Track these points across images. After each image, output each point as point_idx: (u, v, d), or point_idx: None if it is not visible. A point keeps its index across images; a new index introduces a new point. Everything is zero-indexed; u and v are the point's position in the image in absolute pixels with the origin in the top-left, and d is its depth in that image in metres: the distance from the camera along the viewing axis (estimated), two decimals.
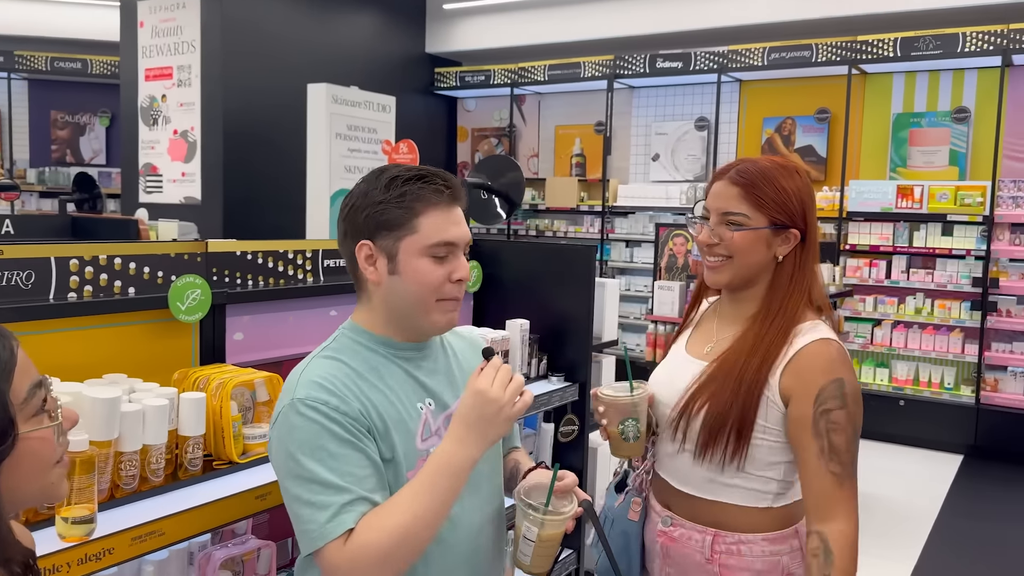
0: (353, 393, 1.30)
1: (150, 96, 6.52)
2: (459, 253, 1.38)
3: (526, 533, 1.37)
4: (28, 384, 0.91)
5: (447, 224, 1.35)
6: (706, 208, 1.58)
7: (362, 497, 1.23)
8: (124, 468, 1.48)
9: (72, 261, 1.67)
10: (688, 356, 1.63)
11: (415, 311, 1.36)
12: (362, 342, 1.38)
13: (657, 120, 7.86)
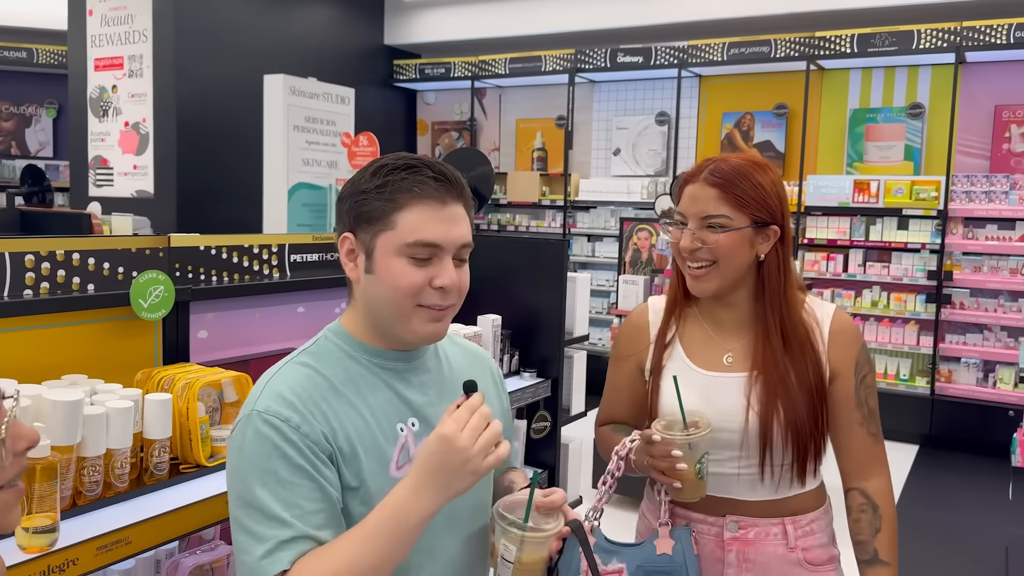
0: (320, 411, 1.17)
1: (100, 87, 6.33)
2: (444, 256, 1.19)
3: (504, 554, 1.21)
4: None
5: (430, 222, 1.18)
6: (681, 214, 1.53)
7: (305, 535, 1.10)
8: (87, 474, 1.41)
9: (27, 257, 1.59)
10: (707, 372, 1.57)
11: (392, 317, 1.21)
12: (344, 348, 1.25)
13: (618, 115, 7.88)
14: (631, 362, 1.69)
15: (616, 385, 1.74)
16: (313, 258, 2.30)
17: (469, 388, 1.14)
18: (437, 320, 1.21)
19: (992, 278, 5.92)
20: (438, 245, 1.18)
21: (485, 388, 1.36)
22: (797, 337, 1.53)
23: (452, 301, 1.22)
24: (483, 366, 1.42)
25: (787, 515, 1.55)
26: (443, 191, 1.20)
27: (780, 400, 1.50)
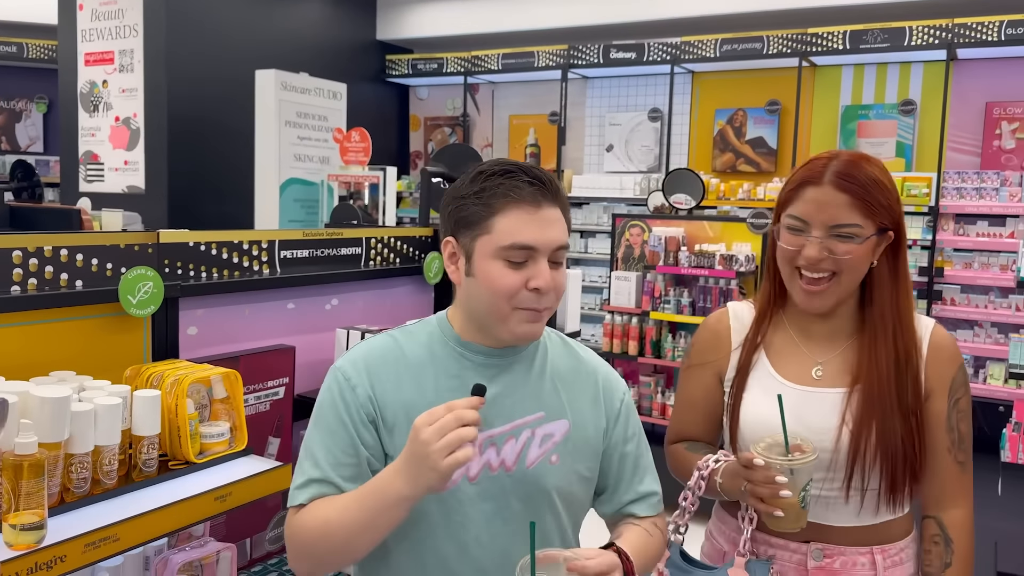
0: (379, 378, 1.28)
1: (90, 82, 6.30)
2: (540, 258, 1.23)
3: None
4: None
5: (525, 225, 1.22)
6: (801, 219, 1.40)
7: (329, 480, 1.24)
8: (75, 471, 1.40)
9: (15, 252, 1.58)
10: (797, 385, 1.47)
11: (490, 317, 1.27)
12: (436, 332, 1.34)
13: (611, 111, 7.88)
14: (708, 371, 1.58)
15: (690, 397, 1.61)
16: (304, 254, 2.29)
17: (476, 391, 1.16)
18: (533, 321, 1.26)
19: (983, 274, 5.94)
20: (533, 248, 1.23)
21: (581, 406, 1.35)
22: (906, 351, 1.42)
23: (548, 303, 1.26)
24: (586, 383, 1.39)
25: (876, 543, 1.45)
26: (538, 195, 1.24)
27: (877, 419, 1.39)
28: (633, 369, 5.14)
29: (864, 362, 1.43)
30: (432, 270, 2.73)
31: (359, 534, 1.19)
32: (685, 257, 4.75)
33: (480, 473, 1.27)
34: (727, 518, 1.55)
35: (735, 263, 4.60)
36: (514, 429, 1.30)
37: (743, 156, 7.20)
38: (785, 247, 1.43)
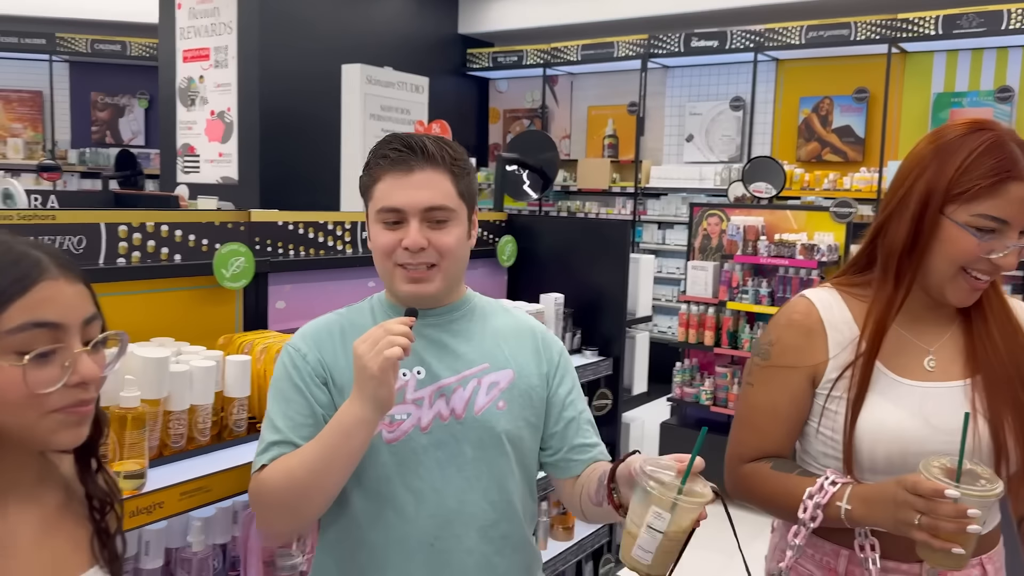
0: (324, 345, 1.37)
1: (188, 77, 6.59)
2: (411, 219, 1.31)
3: (652, 522, 1.12)
4: (25, 320, 0.88)
5: (394, 190, 1.32)
6: (1000, 220, 1.23)
7: (289, 441, 1.30)
8: (172, 427, 1.53)
9: (121, 227, 1.72)
10: (914, 382, 1.32)
11: (385, 277, 1.38)
12: (376, 305, 1.43)
13: (691, 100, 7.80)
14: (797, 376, 1.37)
15: (772, 405, 1.40)
16: None
17: (408, 313, 1.27)
18: (416, 280, 1.33)
19: None
20: (400, 209, 1.32)
21: (522, 358, 1.42)
22: (1014, 333, 1.32)
23: (428, 260, 1.33)
24: (524, 337, 1.46)
25: (983, 551, 1.32)
26: (409, 160, 1.32)
27: (1010, 409, 1.27)
28: (709, 360, 5.11)
29: (981, 349, 1.31)
30: (505, 253, 2.80)
31: (323, 472, 1.24)
32: (764, 246, 4.69)
33: (432, 423, 1.34)
34: (819, 542, 1.38)
35: (816, 253, 4.51)
36: (461, 380, 1.37)
37: (829, 145, 7.03)
38: (967, 249, 1.25)
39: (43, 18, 8.77)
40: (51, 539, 0.97)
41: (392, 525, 1.32)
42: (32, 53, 8.92)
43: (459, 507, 1.34)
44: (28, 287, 0.87)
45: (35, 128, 9.41)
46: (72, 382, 0.90)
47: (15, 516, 0.93)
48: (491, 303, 1.52)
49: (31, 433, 0.91)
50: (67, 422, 0.91)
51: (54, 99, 9.35)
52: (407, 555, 1.32)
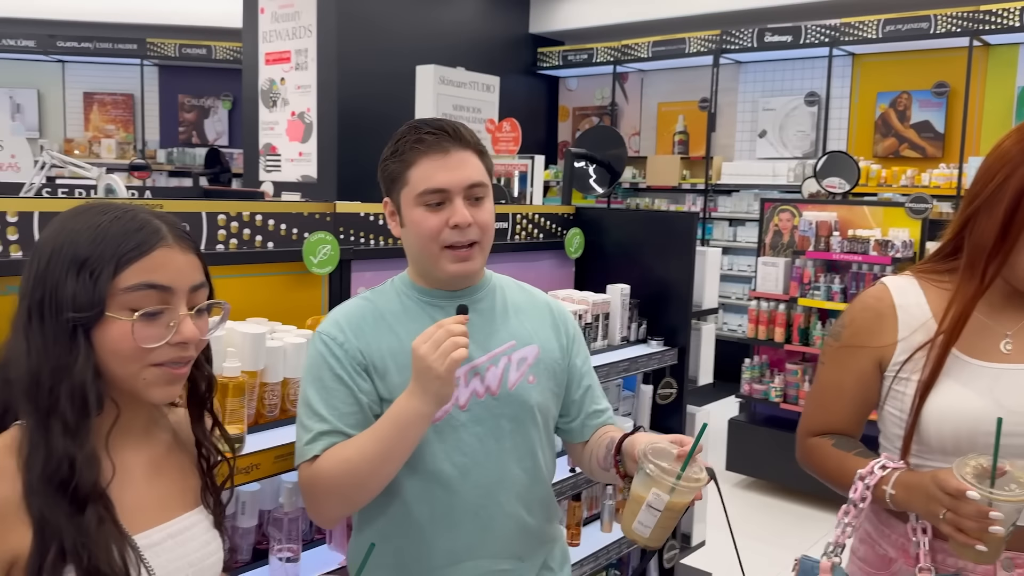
0: (362, 332, 1.40)
1: (270, 79, 6.86)
2: (455, 198, 1.36)
3: (652, 502, 1.23)
4: (140, 280, 0.99)
5: (436, 171, 1.36)
6: None
7: (337, 430, 1.35)
8: (267, 397, 1.67)
9: (220, 216, 1.87)
10: (988, 363, 1.33)
11: (426, 260, 1.41)
12: (399, 287, 1.48)
13: (764, 95, 7.73)
14: (866, 356, 1.42)
15: (839, 383, 1.45)
16: None
17: (459, 310, 1.31)
18: (463, 259, 1.38)
19: None
20: (445, 189, 1.36)
21: (543, 332, 1.51)
22: None
23: (473, 237, 1.38)
24: (542, 312, 1.55)
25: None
26: (443, 142, 1.37)
27: None
28: (779, 357, 5.08)
29: None
30: (573, 245, 2.89)
31: (382, 463, 1.30)
32: (837, 242, 4.65)
33: (469, 400, 1.41)
34: (893, 522, 1.41)
35: (891, 249, 4.46)
36: (492, 358, 1.43)
37: (907, 141, 6.88)
38: None
39: (135, 24, 9.23)
40: (160, 478, 1.09)
41: (438, 499, 1.40)
42: (124, 58, 9.40)
43: (500, 476, 1.43)
44: (146, 252, 1.00)
45: (127, 129, 9.91)
46: (174, 341, 1.01)
47: (129, 454, 1.06)
48: (506, 280, 1.57)
49: (131, 383, 1.02)
50: (163, 378, 1.03)
51: (144, 101, 9.83)
52: (453, 525, 1.40)
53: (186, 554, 1.07)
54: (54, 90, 9.75)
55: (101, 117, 9.87)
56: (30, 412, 0.98)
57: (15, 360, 0.99)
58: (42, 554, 0.94)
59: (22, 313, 1.00)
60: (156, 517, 1.06)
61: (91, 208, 1.04)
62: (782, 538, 4.08)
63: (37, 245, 1.03)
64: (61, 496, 0.95)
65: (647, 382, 2.85)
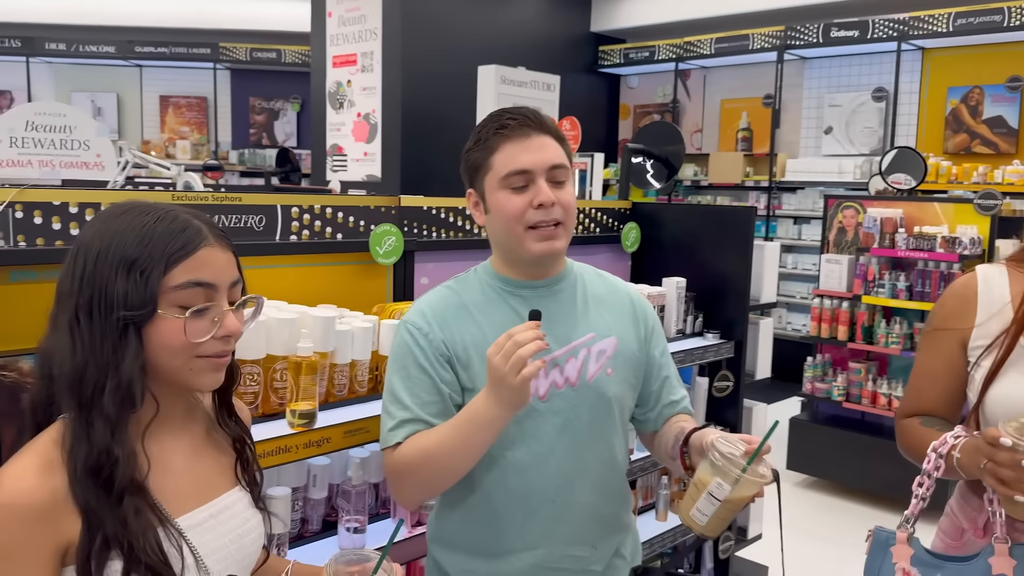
0: (446, 323, 1.44)
1: (337, 81, 7.03)
2: (538, 179, 1.39)
3: (713, 491, 1.25)
4: (188, 278, 1.04)
5: (519, 153, 1.39)
6: None
7: (419, 418, 1.39)
8: (337, 377, 1.78)
9: (294, 209, 1.99)
10: None
11: (511, 244, 1.43)
12: (484, 278, 1.50)
13: (830, 91, 7.61)
14: (951, 338, 1.47)
15: (929, 367, 1.51)
16: None
17: (532, 316, 1.31)
18: (547, 238, 1.41)
19: None
20: (527, 170, 1.40)
21: (622, 324, 1.52)
22: None
23: (557, 217, 1.41)
24: (622, 303, 1.56)
25: None
26: (523, 127, 1.41)
27: None
28: (842, 356, 5.02)
29: None
30: (629, 239, 2.94)
31: (458, 458, 1.36)
32: (903, 239, 4.57)
33: (548, 392, 1.43)
34: (970, 495, 1.47)
35: (958, 246, 4.37)
36: (571, 350, 1.46)
37: (979, 137, 6.70)
38: None
39: (208, 29, 9.58)
40: (199, 463, 1.15)
41: (515, 486, 1.43)
42: (198, 62, 9.76)
43: (576, 467, 1.45)
44: (192, 251, 1.05)
45: (200, 131, 10.29)
46: (219, 335, 1.06)
47: (170, 442, 1.11)
48: (586, 270, 1.59)
49: (180, 375, 1.07)
50: (209, 367, 1.08)
51: (217, 104, 10.19)
52: (528, 512, 1.44)
53: (228, 531, 1.13)
54: (132, 94, 10.19)
55: (176, 119, 10.27)
56: (73, 407, 1.02)
57: (59, 356, 1.02)
58: (89, 541, 0.99)
59: (67, 311, 1.03)
60: (197, 499, 1.12)
61: (131, 208, 1.07)
62: (844, 537, 4.03)
63: (79, 246, 1.05)
64: (101, 488, 1.00)
65: (703, 375, 2.88)
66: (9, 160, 2.69)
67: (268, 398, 1.67)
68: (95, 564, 0.99)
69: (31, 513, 0.97)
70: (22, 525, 0.97)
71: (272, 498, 1.69)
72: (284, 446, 1.58)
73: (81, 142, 2.80)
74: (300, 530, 1.83)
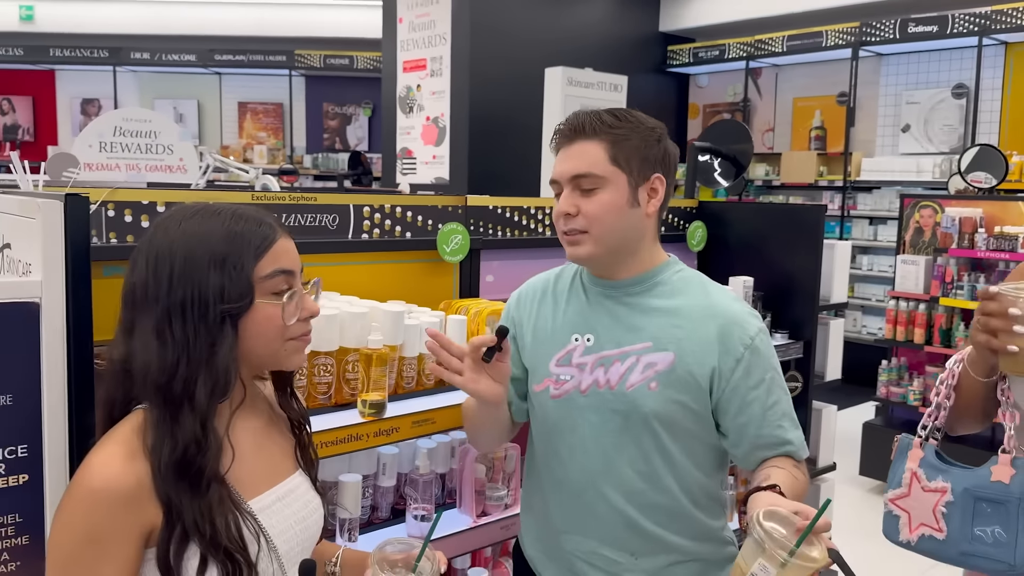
0: (524, 304, 1.59)
1: (407, 86, 7.17)
2: (564, 189, 1.43)
3: (756, 572, 1.11)
4: (274, 268, 1.11)
5: (556, 163, 1.45)
6: None
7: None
8: (405, 370, 1.83)
9: (365, 208, 2.06)
10: None
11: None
12: (579, 270, 1.56)
13: (908, 88, 7.40)
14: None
15: None
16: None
17: (500, 333, 1.38)
18: (570, 244, 1.45)
19: None
20: (555, 181, 1.45)
21: (693, 343, 1.40)
22: None
23: (575, 226, 1.41)
24: (710, 323, 1.42)
25: None
26: (567, 133, 1.44)
27: None
28: (919, 360, 4.89)
29: None
30: (695, 238, 2.93)
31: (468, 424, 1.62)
32: (982, 240, 4.42)
33: (590, 388, 1.45)
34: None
35: None
36: (621, 354, 1.44)
37: None
38: None
39: (284, 37, 9.87)
40: (265, 448, 1.20)
41: (554, 469, 1.51)
42: (274, 69, 10.07)
43: (605, 468, 1.44)
44: (271, 243, 1.12)
45: (276, 136, 10.60)
46: (304, 316, 1.15)
47: (241, 429, 1.16)
48: (692, 282, 1.49)
49: (275, 359, 1.15)
50: (297, 348, 1.16)
51: (292, 110, 10.49)
52: (565, 497, 1.50)
53: (293, 513, 1.18)
54: (212, 100, 10.57)
55: (254, 125, 10.61)
56: (159, 403, 1.06)
57: (142, 358, 1.06)
58: (170, 530, 1.04)
59: (151, 315, 1.06)
60: (265, 483, 1.17)
61: (199, 212, 1.12)
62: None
63: (155, 252, 1.08)
64: (184, 479, 1.04)
65: None
66: (98, 164, 2.85)
67: (341, 388, 1.73)
68: (175, 551, 1.04)
69: (118, 499, 1.02)
70: (110, 510, 1.02)
71: (344, 484, 1.75)
72: (355, 434, 1.64)
73: (165, 147, 2.94)
74: (370, 516, 1.90)
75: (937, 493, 1.41)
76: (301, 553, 1.17)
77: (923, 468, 1.44)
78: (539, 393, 1.52)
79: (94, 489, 1.02)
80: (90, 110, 10.43)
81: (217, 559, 1.05)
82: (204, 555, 1.04)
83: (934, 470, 1.43)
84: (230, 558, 1.05)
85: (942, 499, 1.41)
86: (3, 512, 1.22)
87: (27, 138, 10.47)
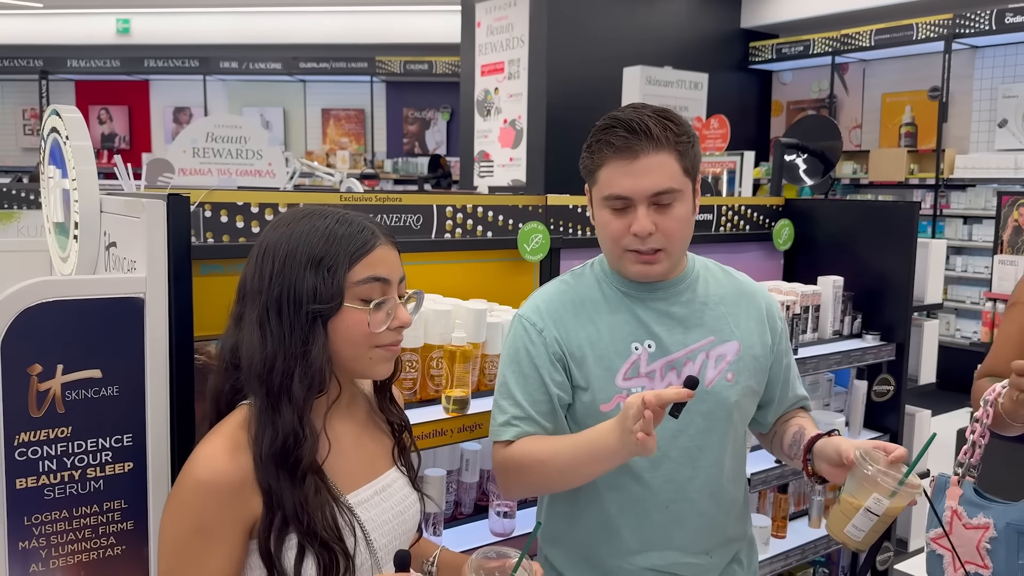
0: (561, 320, 1.41)
1: (484, 90, 7.23)
2: (638, 205, 1.32)
3: (871, 506, 1.24)
4: (368, 274, 1.12)
5: (620, 176, 1.32)
6: None
7: (530, 417, 1.39)
8: (488, 367, 1.85)
9: (448, 208, 2.08)
10: None
11: (610, 258, 1.41)
12: (600, 275, 1.47)
13: (1005, 82, 7.06)
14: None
15: (1007, 333, 1.67)
16: None
17: (688, 383, 1.19)
18: (645, 262, 1.36)
19: None
20: (626, 197, 1.33)
21: (747, 327, 1.46)
22: None
23: (656, 244, 1.34)
24: (750, 305, 1.49)
25: None
26: (634, 144, 1.31)
27: None
28: None
29: None
30: (781, 236, 2.86)
31: (568, 476, 1.34)
32: None
33: None
34: None
35: None
36: (689, 353, 1.40)
37: None
38: None
39: (365, 44, 10.09)
40: (364, 443, 1.23)
41: (629, 489, 1.41)
42: (356, 76, 10.30)
43: (691, 472, 1.41)
44: (369, 250, 1.13)
45: (358, 141, 10.84)
46: (393, 326, 1.16)
47: (339, 426, 1.19)
48: (711, 267, 1.53)
49: (358, 363, 1.15)
50: (385, 357, 1.17)
51: (373, 115, 10.71)
52: (643, 516, 1.41)
53: (391, 507, 1.20)
54: (296, 107, 10.89)
55: (336, 131, 10.88)
56: (261, 395, 1.09)
57: (248, 349, 1.10)
58: (270, 519, 1.07)
59: (255, 308, 1.11)
60: (364, 477, 1.20)
61: (311, 213, 1.15)
62: None
63: (264, 248, 1.13)
64: (284, 468, 1.07)
65: (861, 378, 2.76)
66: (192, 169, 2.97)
67: (425, 385, 1.76)
68: (275, 540, 1.07)
69: (224, 491, 1.06)
70: (217, 502, 1.06)
71: (429, 478, 1.78)
72: (439, 429, 1.66)
73: (255, 152, 3.04)
74: (453, 512, 1.92)
75: (980, 530, 1.43)
76: (397, 547, 1.19)
77: (963, 505, 1.47)
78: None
79: (201, 481, 1.06)
80: (181, 118, 10.88)
81: (314, 549, 1.07)
82: (302, 545, 1.07)
83: (974, 507, 1.45)
84: (327, 548, 1.08)
85: (985, 535, 1.43)
86: (110, 498, 1.28)
87: (123, 146, 11.00)
